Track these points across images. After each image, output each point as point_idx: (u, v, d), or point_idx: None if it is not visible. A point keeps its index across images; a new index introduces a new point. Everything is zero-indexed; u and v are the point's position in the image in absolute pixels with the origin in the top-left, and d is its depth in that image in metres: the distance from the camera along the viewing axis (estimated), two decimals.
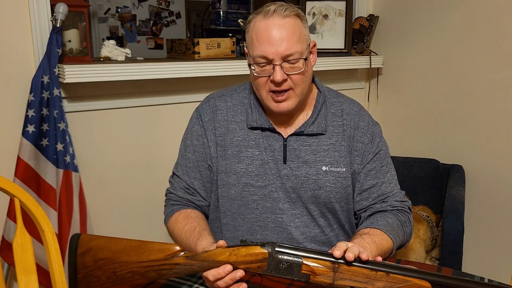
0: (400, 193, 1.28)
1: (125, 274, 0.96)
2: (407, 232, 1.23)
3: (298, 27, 1.15)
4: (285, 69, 1.14)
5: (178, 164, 1.33)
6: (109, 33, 4.15)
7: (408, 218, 1.25)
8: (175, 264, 0.94)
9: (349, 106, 1.30)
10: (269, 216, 1.26)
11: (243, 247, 0.91)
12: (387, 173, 1.27)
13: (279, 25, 1.13)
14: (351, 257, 0.88)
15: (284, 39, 1.12)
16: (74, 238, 1.00)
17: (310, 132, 1.24)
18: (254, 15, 1.18)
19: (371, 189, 1.25)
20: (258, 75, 1.17)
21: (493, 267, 2.09)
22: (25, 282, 1.19)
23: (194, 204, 1.29)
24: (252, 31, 1.17)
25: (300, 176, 1.24)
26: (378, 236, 1.13)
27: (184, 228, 1.18)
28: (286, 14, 1.14)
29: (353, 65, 2.37)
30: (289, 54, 1.13)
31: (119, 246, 0.97)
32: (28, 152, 1.58)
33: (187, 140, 1.32)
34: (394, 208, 1.23)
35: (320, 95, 1.28)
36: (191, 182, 1.29)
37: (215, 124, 1.28)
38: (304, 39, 1.17)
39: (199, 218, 1.23)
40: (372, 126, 1.29)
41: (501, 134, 2.03)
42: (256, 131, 1.26)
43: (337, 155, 1.25)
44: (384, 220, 1.19)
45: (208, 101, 1.33)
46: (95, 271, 0.97)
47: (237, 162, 1.26)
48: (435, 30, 2.21)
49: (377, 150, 1.27)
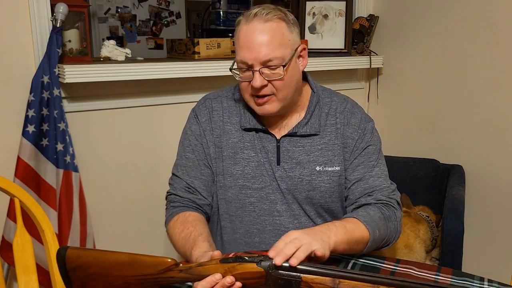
0: (388, 188, 1.23)
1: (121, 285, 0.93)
2: (391, 228, 1.18)
3: (280, 31, 1.12)
4: (264, 74, 1.12)
5: (178, 165, 1.31)
6: (109, 33, 4.14)
7: (394, 213, 1.20)
8: (170, 277, 0.92)
9: (342, 105, 1.28)
10: (266, 218, 1.25)
11: (239, 265, 0.88)
12: (375, 168, 1.24)
13: (260, 30, 1.11)
14: (279, 262, 0.86)
15: (264, 44, 1.10)
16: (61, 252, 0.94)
17: (303, 133, 1.24)
18: (240, 18, 1.16)
19: (358, 183, 1.23)
20: (241, 79, 1.16)
21: (493, 267, 2.09)
22: (25, 282, 1.19)
23: (195, 204, 1.25)
24: (236, 35, 1.16)
25: (294, 177, 1.23)
26: (352, 223, 1.09)
27: (181, 234, 1.15)
28: (268, 18, 1.11)
29: (353, 65, 2.37)
30: (268, 60, 1.11)
31: (109, 262, 0.93)
32: (28, 152, 1.58)
33: (185, 140, 1.31)
34: (378, 202, 1.20)
35: (313, 95, 1.27)
36: (192, 181, 1.27)
37: (212, 125, 1.28)
38: (287, 44, 1.14)
39: (196, 221, 1.19)
40: (364, 122, 1.27)
41: (501, 134, 2.03)
42: (250, 132, 1.25)
43: (331, 154, 1.24)
44: (365, 211, 1.16)
45: (204, 101, 1.32)
46: (90, 282, 0.94)
47: (233, 164, 1.25)
48: (435, 30, 2.21)
49: (366, 145, 1.25)
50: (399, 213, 1.23)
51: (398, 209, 1.23)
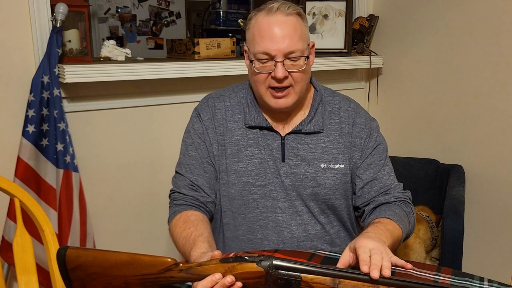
0: (399, 185, 1.29)
1: (121, 284, 0.93)
2: (412, 223, 1.24)
3: (299, 25, 1.17)
4: (286, 66, 1.15)
5: (181, 163, 1.31)
6: (109, 33, 4.15)
7: (411, 209, 1.26)
8: (170, 277, 0.92)
9: (345, 104, 1.31)
10: (269, 215, 1.26)
11: (239, 264, 0.88)
12: (386, 166, 1.29)
13: (282, 22, 1.14)
14: (376, 276, 0.85)
15: (287, 36, 1.13)
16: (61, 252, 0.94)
17: (307, 131, 1.25)
18: (256, 12, 1.19)
19: (372, 182, 1.26)
20: (259, 71, 1.17)
21: (493, 267, 2.09)
22: (25, 282, 1.19)
23: (198, 201, 1.25)
24: (254, 28, 1.17)
25: (299, 173, 1.24)
26: (390, 224, 1.14)
27: (182, 234, 1.16)
28: (289, 12, 1.15)
29: (353, 65, 2.37)
30: (291, 51, 1.14)
31: (109, 262, 0.93)
32: (28, 152, 1.58)
33: (188, 139, 1.32)
34: (398, 200, 1.24)
35: (317, 94, 1.29)
36: (195, 179, 1.27)
37: (215, 123, 1.29)
38: (304, 38, 1.18)
39: (198, 221, 1.19)
40: (369, 121, 1.30)
41: (501, 134, 2.03)
42: (254, 130, 1.27)
43: (335, 152, 1.26)
44: (391, 211, 1.19)
45: (207, 101, 1.33)
46: (90, 282, 0.94)
47: (237, 161, 1.26)
48: (435, 30, 2.21)
49: (375, 144, 1.28)
50: (413, 208, 1.28)
51: (412, 205, 1.28)
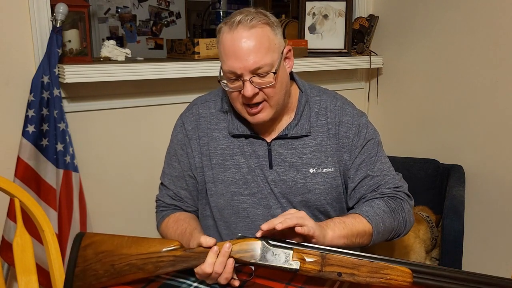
0: (393, 179, 1.24)
1: (123, 266, 0.99)
2: (400, 220, 1.18)
3: (266, 36, 1.09)
4: (255, 83, 1.09)
5: (165, 173, 1.33)
6: (109, 33, 4.14)
7: (401, 205, 1.20)
8: (173, 256, 0.98)
9: (332, 103, 1.25)
10: (261, 223, 1.24)
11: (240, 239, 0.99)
12: (377, 162, 1.24)
13: (245, 37, 1.07)
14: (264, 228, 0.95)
15: (252, 52, 1.06)
16: (79, 235, 1.04)
17: (294, 135, 1.21)
18: (222, 25, 1.12)
19: (363, 181, 1.23)
20: (230, 90, 1.13)
21: (493, 267, 2.09)
22: (25, 282, 1.19)
23: (182, 209, 1.30)
24: (220, 44, 1.12)
25: (288, 181, 1.21)
26: (352, 218, 1.12)
27: (176, 232, 1.18)
28: (252, 24, 1.08)
29: (353, 65, 2.37)
30: (258, 67, 1.08)
31: (121, 241, 1.02)
32: (28, 152, 1.58)
33: (171, 148, 1.32)
34: (384, 195, 1.20)
35: (302, 95, 1.25)
36: (178, 191, 1.30)
37: (199, 133, 1.26)
38: (274, 48, 1.11)
39: (189, 218, 1.23)
40: (357, 118, 1.25)
41: (501, 134, 2.03)
42: (239, 138, 1.23)
43: (324, 156, 1.22)
44: (368, 206, 1.16)
45: (192, 108, 1.30)
46: (94, 264, 0.99)
47: (223, 171, 1.23)
48: (435, 30, 2.21)
49: (364, 142, 1.23)
50: (407, 203, 1.23)
51: (406, 200, 1.23)
